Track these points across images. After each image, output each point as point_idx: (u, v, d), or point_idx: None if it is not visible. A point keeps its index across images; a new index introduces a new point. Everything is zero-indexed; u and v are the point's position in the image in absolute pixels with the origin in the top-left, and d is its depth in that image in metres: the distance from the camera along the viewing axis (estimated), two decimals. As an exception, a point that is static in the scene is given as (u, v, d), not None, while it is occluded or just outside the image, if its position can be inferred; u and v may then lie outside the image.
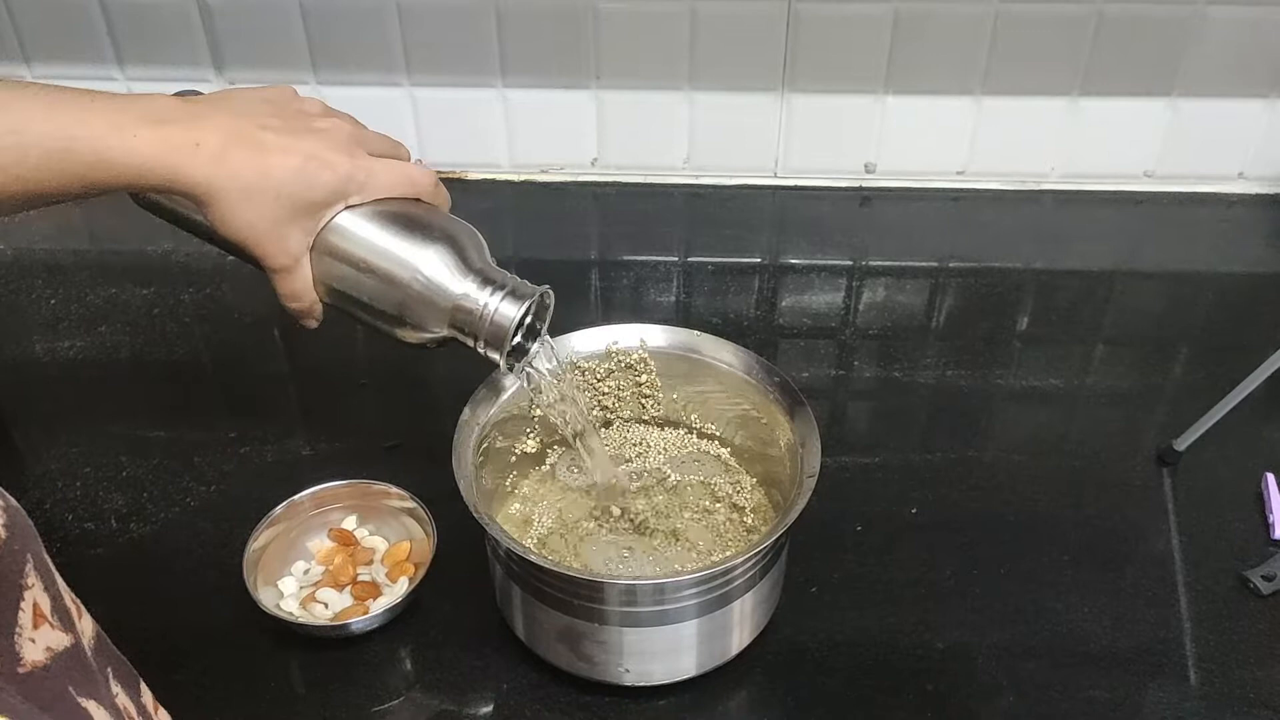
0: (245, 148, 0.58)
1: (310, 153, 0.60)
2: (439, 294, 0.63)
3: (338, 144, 0.62)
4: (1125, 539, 0.78)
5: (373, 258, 0.63)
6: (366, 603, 0.71)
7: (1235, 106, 1.07)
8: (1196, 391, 0.89)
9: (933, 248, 1.07)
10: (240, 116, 0.59)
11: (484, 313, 0.63)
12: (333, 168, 0.61)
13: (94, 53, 1.06)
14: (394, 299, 0.63)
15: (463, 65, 1.06)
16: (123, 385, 0.91)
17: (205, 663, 0.69)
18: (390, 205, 0.64)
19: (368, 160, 0.63)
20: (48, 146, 0.55)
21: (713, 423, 0.77)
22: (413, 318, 0.64)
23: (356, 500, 0.77)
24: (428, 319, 0.64)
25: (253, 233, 0.60)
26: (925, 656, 0.70)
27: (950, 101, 1.07)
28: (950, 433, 0.87)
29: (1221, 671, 0.69)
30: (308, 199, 0.60)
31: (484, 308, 0.63)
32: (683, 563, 0.71)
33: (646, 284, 1.02)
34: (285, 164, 0.59)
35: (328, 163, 0.61)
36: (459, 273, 0.63)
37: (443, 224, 0.65)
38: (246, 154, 0.58)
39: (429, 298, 0.63)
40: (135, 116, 0.57)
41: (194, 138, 0.57)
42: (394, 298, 0.63)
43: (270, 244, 0.61)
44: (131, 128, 0.56)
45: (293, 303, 0.64)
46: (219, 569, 0.73)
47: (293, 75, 1.06)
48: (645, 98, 1.08)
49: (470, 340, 0.64)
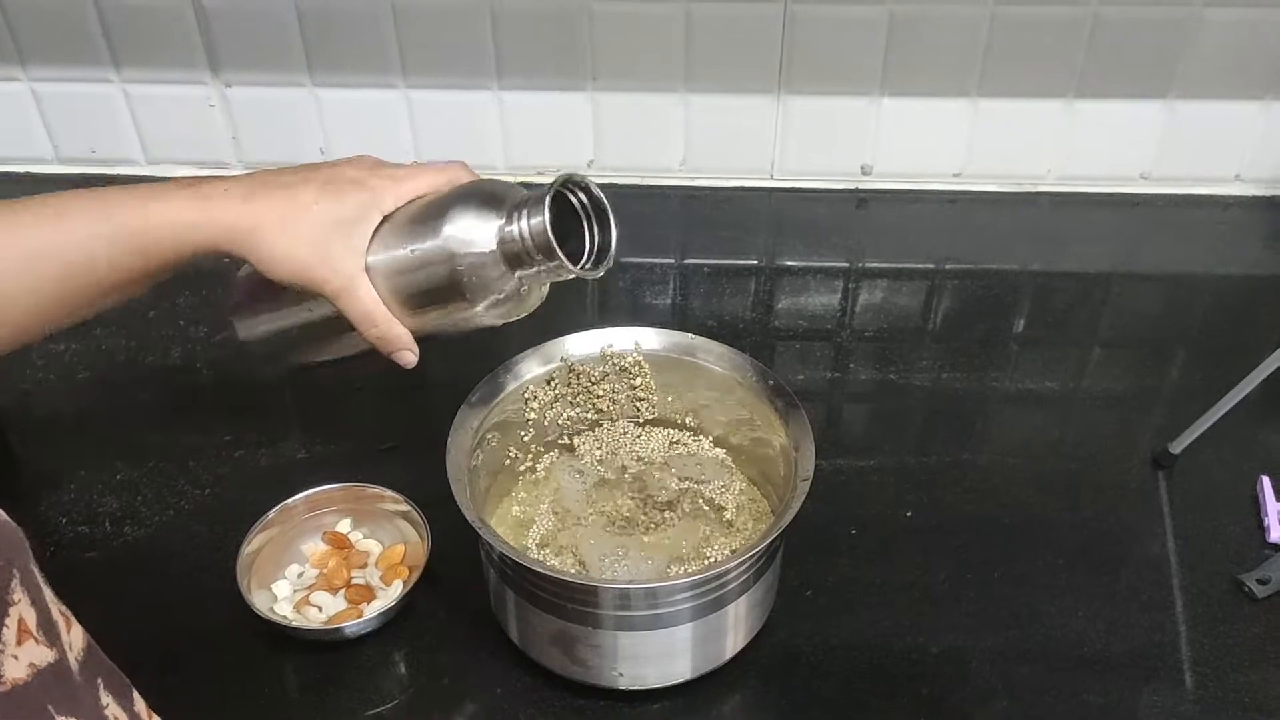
0: (270, 187, 0.63)
1: (329, 177, 0.64)
2: (480, 246, 0.62)
3: (357, 166, 0.66)
4: (1120, 542, 0.78)
5: (414, 247, 0.63)
6: (360, 606, 0.71)
7: (1232, 108, 1.07)
8: (1192, 394, 0.88)
9: (929, 250, 1.06)
10: (264, 173, 0.65)
11: (522, 236, 0.62)
12: (356, 182, 0.64)
13: (90, 55, 1.05)
14: (450, 277, 0.63)
15: (458, 67, 1.05)
16: (118, 388, 0.91)
17: (199, 667, 0.69)
18: (419, 200, 0.65)
19: (390, 169, 0.66)
20: (93, 229, 0.62)
21: (708, 425, 0.77)
22: (477, 283, 0.63)
23: (350, 503, 0.77)
24: (489, 276, 0.63)
25: (300, 263, 0.63)
26: (920, 660, 0.70)
27: (946, 103, 1.07)
28: (946, 436, 0.87)
29: (1216, 676, 0.69)
30: (339, 215, 0.63)
31: (520, 232, 0.62)
32: (679, 564, 0.71)
33: (642, 286, 1.02)
34: (309, 189, 0.63)
35: (351, 179, 0.64)
36: (486, 218, 0.63)
37: (462, 190, 0.65)
38: (272, 190, 0.63)
39: (474, 254, 0.62)
40: (175, 187, 0.64)
41: (223, 187, 0.63)
42: (449, 275, 0.63)
43: (320, 267, 0.63)
44: (171, 192, 0.63)
45: (372, 329, 0.65)
46: (213, 572, 0.73)
47: (289, 77, 1.06)
48: (641, 99, 1.07)
49: (536, 268, 0.63)
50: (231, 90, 1.08)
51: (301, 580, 0.73)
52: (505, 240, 0.62)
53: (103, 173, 1.13)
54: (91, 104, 1.09)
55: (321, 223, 0.62)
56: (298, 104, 1.08)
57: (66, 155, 1.13)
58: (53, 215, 0.61)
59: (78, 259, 0.61)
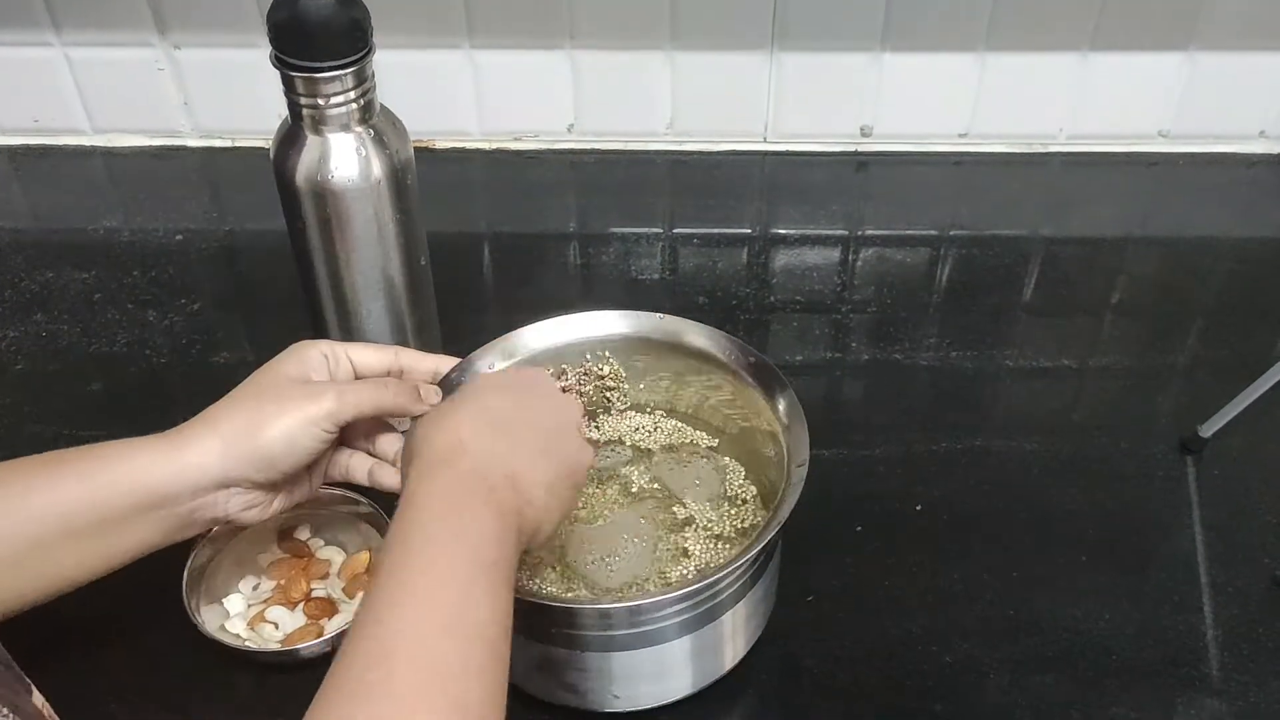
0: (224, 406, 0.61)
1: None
2: None
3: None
4: (1147, 536, 0.73)
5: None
6: (321, 622, 0.66)
7: (1256, 61, 1.02)
8: (1218, 370, 0.84)
9: (933, 216, 1.01)
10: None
11: None
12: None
13: (27, 16, 0.98)
14: None
15: (426, 25, 0.99)
16: (58, 379, 0.84)
17: (143, 693, 0.64)
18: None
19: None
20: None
21: (690, 412, 0.72)
22: None
23: (307, 507, 0.70)
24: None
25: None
26: (932, 673, 0.65)
27: (952, 59, 1.02)
28: (955, 419, 0.81)
29: (1257, 683, 0.64)
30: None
31: None
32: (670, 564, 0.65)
33: (629, 258, 0.96)
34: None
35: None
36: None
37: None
38: (229, 405, 0.61)
39: None
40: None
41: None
42: None
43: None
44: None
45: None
46: (157, 587, 0.66)
47: (243, 38, 0.99)
48: (624, 58, 1.02)
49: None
50: (180, 53, 1.01)
51: (257, 594, 0.68)
52: None
53: (47, 143, 1.07)
54: (31, 70, 1.02)
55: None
56: (253, 66, 1.00)
57: (8, 125, 1.06)
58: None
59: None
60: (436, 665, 0.45)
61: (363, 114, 0.68)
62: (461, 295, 0.87)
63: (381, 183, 0.69)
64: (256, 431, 0.58)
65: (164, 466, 0.58)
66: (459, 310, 0.81)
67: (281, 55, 0.65)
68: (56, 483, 0.57)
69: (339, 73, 0.65)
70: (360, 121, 0.68)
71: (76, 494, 0.57)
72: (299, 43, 0.64)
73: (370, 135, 0.68)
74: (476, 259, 0.97)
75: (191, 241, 0.97)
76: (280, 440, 0.58)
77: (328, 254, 0.71)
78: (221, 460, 0.58)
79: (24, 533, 0.56)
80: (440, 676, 0.45)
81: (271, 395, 0.60)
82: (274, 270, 0.89)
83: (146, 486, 0.57)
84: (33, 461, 0.58)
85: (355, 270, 0.72)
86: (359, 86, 0.66)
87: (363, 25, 0.65)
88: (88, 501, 0.57)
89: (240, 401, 0.60)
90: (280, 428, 0.58)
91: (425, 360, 0.65)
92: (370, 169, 0.68)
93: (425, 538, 0.49)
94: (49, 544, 0.57)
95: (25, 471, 0.58)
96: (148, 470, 0.58)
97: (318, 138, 0.67)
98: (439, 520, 0.50)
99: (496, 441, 0.54)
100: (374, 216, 0.70)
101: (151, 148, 1.07)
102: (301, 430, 0.59)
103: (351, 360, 0.63)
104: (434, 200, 0.76)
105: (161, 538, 0.59)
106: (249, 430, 0.58)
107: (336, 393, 0.59)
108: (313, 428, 0.59)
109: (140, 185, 1.03)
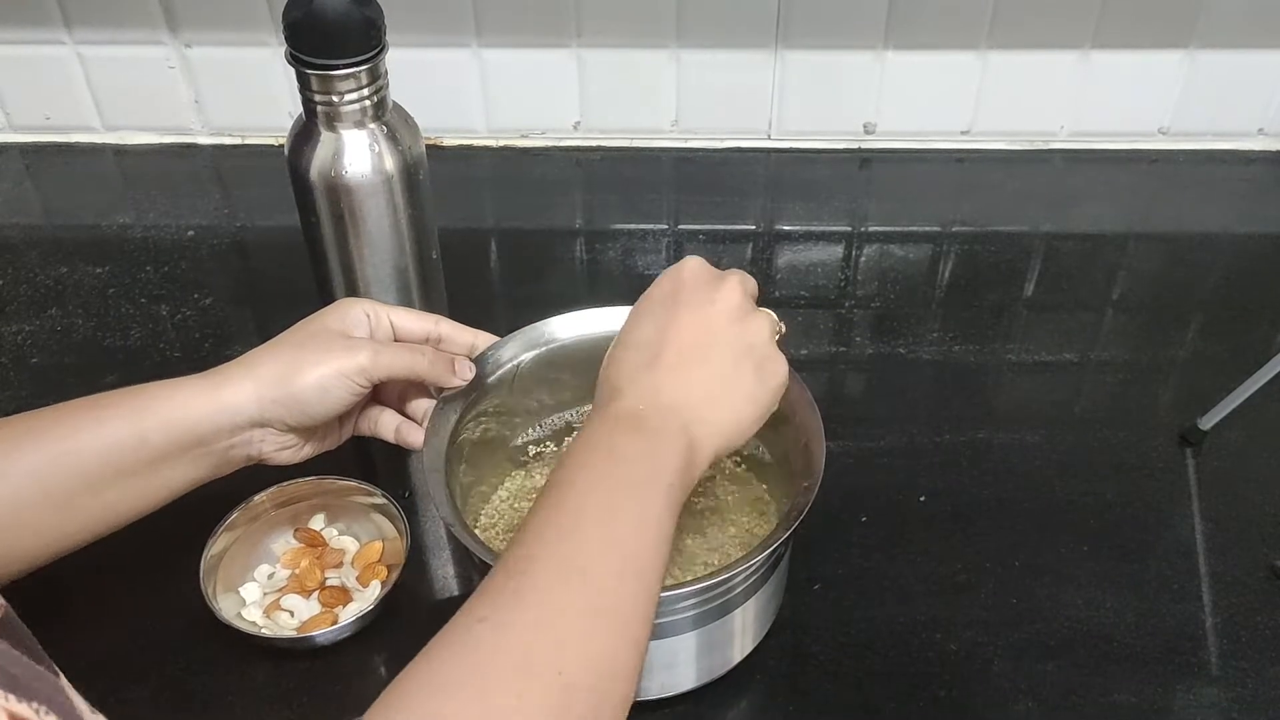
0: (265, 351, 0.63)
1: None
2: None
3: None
4: (1147, 526, 0.73)
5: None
6: (335, 610, 0.66)
7: (1255, 59, 1.02)
8: (1218, 364, 0.84)
9: (936, 212, 1.02)
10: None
11: None
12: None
13: (40, 15, 0.99)
14: None
15: (435, 24, 0.99)
16: (72, 372, 0.85)
17: (161, 678, 0.65)
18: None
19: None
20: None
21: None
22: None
23: (322, 498, 0.71)
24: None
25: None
26: (937, 659, 0.66)
27: (954, 57, 1.02)
28: (959, 412, 0.82)
29: (1255, 670, 0.65)
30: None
31: None
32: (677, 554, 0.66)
33: (633, 255, 0.97)
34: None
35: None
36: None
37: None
38: (270, 350, 0.63)
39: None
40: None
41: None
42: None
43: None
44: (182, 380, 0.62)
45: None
46: (178, 574, 0.68)
47: (253, 36, 1.00)
48: (630, 56, 1.02)
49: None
50: (192, 51, 1.01)
51: (272, 582, 0.68)
52: None
53: (59, 140, 1.07)
54: (43, 68, 1.03)
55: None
56: (264, 64, 1.02)
57: (20, 123, 1.07)
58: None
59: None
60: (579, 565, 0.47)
61: (376, 110, 0.69)
62: (470, 289, 0.88)
63: (394, 178, 0.70)
64: (292, 376, 0.60)
65: (203, 405, 0.60)
66: (467, 304, 0.82)
67: (297, 53, 0.66)
68: (104, 423, 0.58)
69: (353, 70, 0.66)
70: (374, 118, 0.69)
71: (124, 433, 0.58)
72: (314, 41, 0.65)
73: (383, 131, 0.69)
74: (484, 254, 0.98)
75: (203, 237, 0.98)
76: (313, 388, 0.60)
77: (341, 248, 0.72)
78: (257, 402, 0.60)
79: (74, 472, 0.57)
80: (580, 572, 0.47)
81: (310, 345, 0.62)
82: (285, 265, 0.90)
83: (185, 424, 0.59)
84: (77, 404, 0.60)
85: (368, 264, 0.73)
86: (373, 84, 0.67)
87: (376, 23, 0.66)
88: (136, 440, 0.58)
89: (280, 348, 0.62)
90: (315, 375, 0.60)
91: (464, 333, 0.67)
92: (383, 164, 0.69)
93: (577, 463, 0.52)
94: (97, 483, 0.58)
95: (70, 414, 0.59)
96: (186, 408, 0.59)
97: (332, 134, 0.68)
98: (589, 449, 0.52)
99: (658, 376, 0.56)
100: (387, 211, 0.71)
101: (163, 145, 1.07)
102: (334, 381, 0.60)
103: (393, 322, 0.65)
104: (442, 196, 0.77)
105: (204, 474, 0.62)
106: (285, 375, 0.60)
107: (372, 350, 0.61)
108: (345, 380, 0.60)
109: (152, 182, 1.04)
